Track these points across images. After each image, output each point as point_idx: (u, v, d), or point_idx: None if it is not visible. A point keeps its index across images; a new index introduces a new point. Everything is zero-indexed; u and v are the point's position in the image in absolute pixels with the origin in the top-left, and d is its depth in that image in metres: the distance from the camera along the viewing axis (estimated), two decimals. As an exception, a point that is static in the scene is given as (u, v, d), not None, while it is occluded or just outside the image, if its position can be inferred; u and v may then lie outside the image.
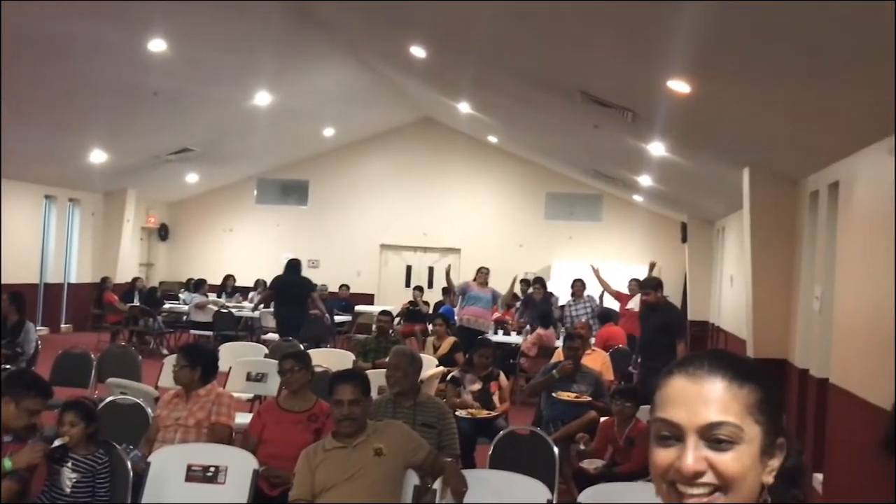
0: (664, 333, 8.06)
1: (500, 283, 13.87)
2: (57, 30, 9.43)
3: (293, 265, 12.81)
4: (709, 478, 1.21)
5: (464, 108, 14.66)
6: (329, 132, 17.90)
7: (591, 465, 5.51)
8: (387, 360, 5.28)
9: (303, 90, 14.52)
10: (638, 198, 17.30)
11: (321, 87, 14.76)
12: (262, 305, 13.50)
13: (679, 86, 6.65)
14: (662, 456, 1.26)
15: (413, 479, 3.92)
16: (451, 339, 9.23)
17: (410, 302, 16.51)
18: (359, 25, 11.53)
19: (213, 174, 18.84)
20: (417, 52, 10.47)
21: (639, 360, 8.93)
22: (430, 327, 12.11)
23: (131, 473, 3.91)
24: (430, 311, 16.07)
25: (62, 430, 3.85)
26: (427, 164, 19.42)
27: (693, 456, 1.21)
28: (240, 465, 3.96)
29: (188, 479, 3.92)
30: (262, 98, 13.70)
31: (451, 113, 16.40)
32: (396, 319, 16.57)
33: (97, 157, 14.65)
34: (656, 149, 10.03)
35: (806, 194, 8.34)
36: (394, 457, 3.88)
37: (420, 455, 3.97)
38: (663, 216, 18.07)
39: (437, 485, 3.84)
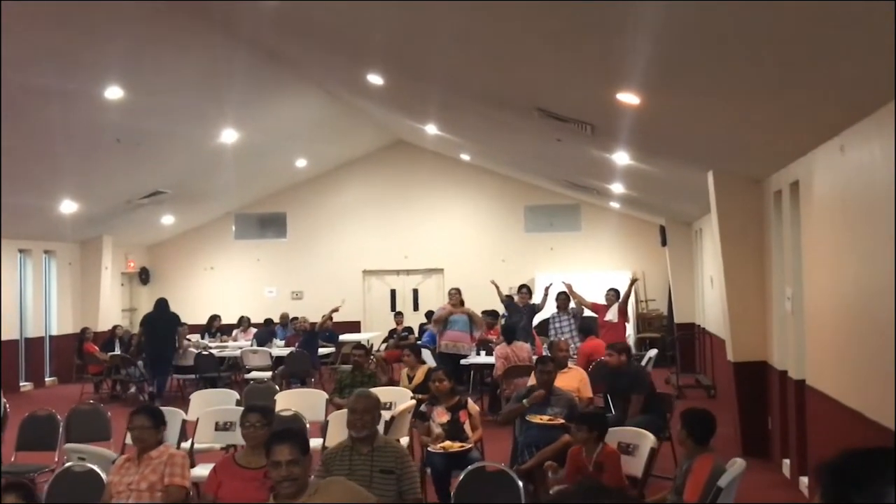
0: (630, 393, 7.90)
1: (486, 300, 13.77)
2: (13, 81, 9.33)
3: (160, 303, 14.11)
4: None
5: (431, 129, 14.60)
6: (302, 163, 17.82)
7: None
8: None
9: (270, 124, 14.44)
10: (615, 204, 17.25)
11: (289, 119, 14.69)
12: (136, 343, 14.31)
13: (629, 98, 6.58)
14: None
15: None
16: (424, 368, 9.10)
17: (392, 330, 16.44)
18: (317, 57, 11.46)
19: (189, 214, 18.72)
20: (374, 79, 10.40)
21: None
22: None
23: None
24: (417, 335, 15.99)
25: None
26: (403, 186, 19.35)
27: None
28: (182, 535, 3.84)
29: (130, 552, 3.79)
30: (230, 135, 13.62)
31: (421, 134, 16.35)
32: (383, 345, 16.52)
33: (68, 207, 14.53)
34: (621, 158, 9.96)
35: (770, 194, 8.27)
36: None
37: None
38: (642, 221, 18.01)
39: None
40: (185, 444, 6.87)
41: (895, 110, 4.68)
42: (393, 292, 19.65)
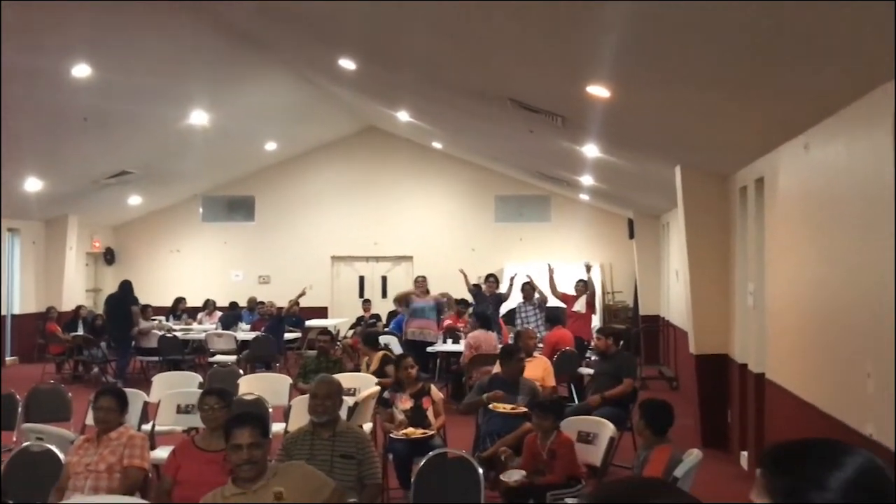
0: (615, 378, 8.04)
1: (455, 289, 13.78)
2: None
3: (124, 285, 14.36)
4: None
5: (403, 116, 14.56)
6: (271, 146, 17.70)
7: (509, 477, 5.44)
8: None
9: (240, 106, 14.33)
10: (584, 196, 17.34)
11: (259, 102, 14.58)
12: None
13: (598, 91, 6.61)
14: None
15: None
16: (379, 354, 9.12)
17: (360, 317, 16.43)
18: (288, 40, 11.38)
19: (156, 195, 18.54)
20: (346, 64, 10.36)
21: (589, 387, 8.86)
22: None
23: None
24: (385, 323, 15.99)
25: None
26: (374, 172, 19.29)
27: None
28: (138, 517, 3.83)
29: (86, 533, 3.78)
30: (199, 117, 13.49)
31: (393, 121, 16.31)
32: (350, 332, 16.50)
33: (33, 185, 14.34)
34: (591, 150, 10.01)
35: (736, 190, 8.37)
36: (297, 499, 3.76)
37: (324, 494, 3.86)
38: (610, 213, 18.13)
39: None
40: (147, 427, 6.83)
41: (860, 110, 4.76)
42: (361, 279, 19.63)
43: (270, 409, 6.83)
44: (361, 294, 18.99)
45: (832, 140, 5.39)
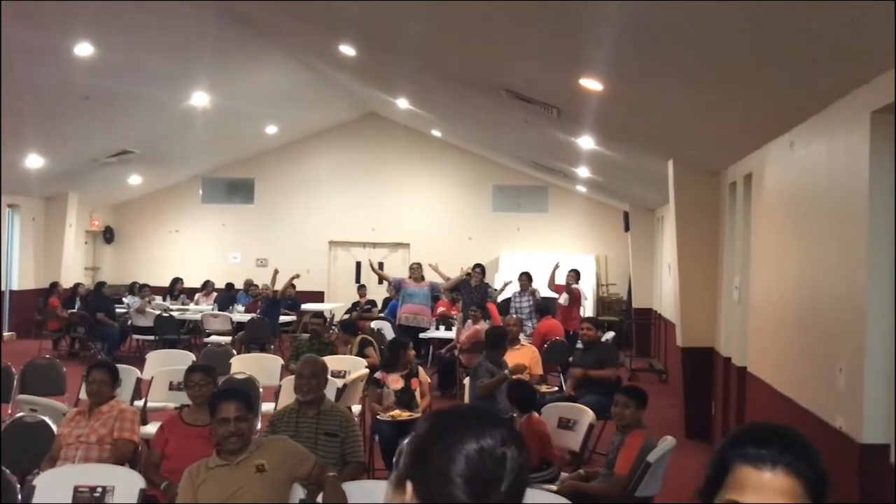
0: (597, 368, 8.23)
1: (451, 277, 13.85)
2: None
3: (96, 286, 15.27)
4: None
5: (403, 103, 14.65)
6: (272, 130, 17.79)
7: None
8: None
9: (241, 89, 14.41)
10: (581, 188, 17.44)
11: (260, 85, 14.66)
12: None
13: (591, 84, 6.72)
14: None
15: (298, 493, 3.93)
16: (357, 339, 9.26)
17: (355, 302, 16.55)
18: (290, 25, 11.47)
19: (157, 175, 18.64)
20: (347, 50, 10.45)
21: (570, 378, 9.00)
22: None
23: (19, 497, 3.88)
24: (380, 308, 16.10)
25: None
26: (373, 159, 19.39)
27: None
28: (127, 485, 3.95)
29: (75, 500, 3.89)
30: (200, 98, 13.59)
31: (392, 108, 16.40)
32: (345, 316, 16.62)
33: (34, 161, 14.43)
34: (586, 142, 10.12)
35: (726, 185, 8.48)
36: (277, 472, 3.89)
37: (305, 468, 3.99)
38: (607, 205, 18.23)
39: (321, 497, 3.85)
40: (139, 402, 6.97)
41: (843, 110, 4.87)
42: (358, 264, 19.73)
43: (261, 389, 6.96)
44: (358, 279, 19.11)
45: (815, 139, 5.50)
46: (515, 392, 6.05)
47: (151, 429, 6.00)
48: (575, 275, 12.88)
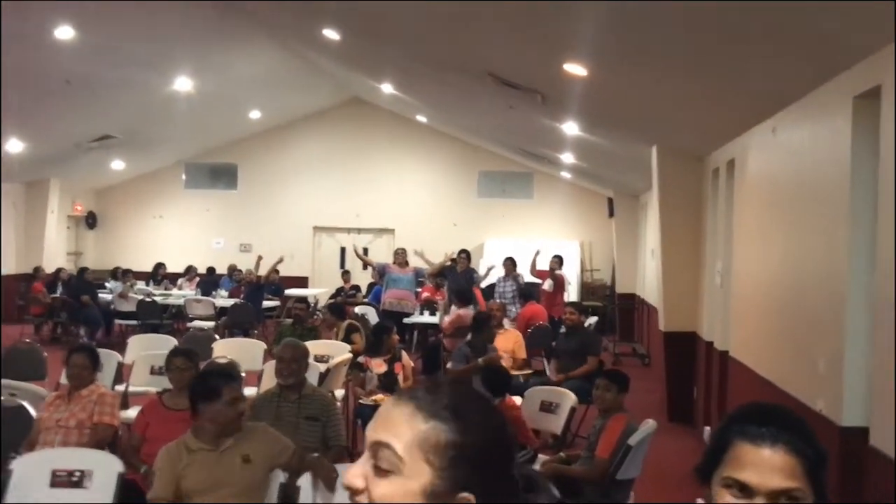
0: (580, 357, 8.32)
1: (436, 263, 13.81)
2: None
3: (80, 271, 15.25)
4: None
5: (387, 88, 14.59)
6: (255, 115, 17.67)
7: None
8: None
9: (224, 74, 14.30)
10: (566, 174, 17.45)
11: (244, 70, 14.54)
12: None
13: (575, 69, 6.70)
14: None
15: (279, 476, 3.92)
16: (344, 323, 9.24)
17: (339, 288, 16.51)
18: (273, 9, 11.38)
19: (140, 160, 18.50)
20: (331, 34, 10.38)
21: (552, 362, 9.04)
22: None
23: (-3, 480, 3.86)
24: (364, 294, 16.07)
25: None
26: (358, 144, 19.31)
27: None
28: (105, 469, 3.92)
29: (53, 484, 3.87)
30: (183, 83, 13.47)
31: (377, 93, 16.32)
32: (331, 301, 16.58)
33: (14, 146, 14.27)
34: (570, 128, 10.11)
35: (709, 171, 8.50)
36: (261, 462, 3.89)
37: (286, 456, 3.99)
38: (591, 191, 18.25)
39: (301, 481, 3.84)
40: (120, 387, 6.93)
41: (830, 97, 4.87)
42: (343, 250, 19.67)
43: (244, 374, 6.93)
44: (342, 265, 19.06)
45: (797, 124, 5.51)
46: (488, 375, 6.06)
47: (132, 413, 5.96)
48: (558, 261, 12.90)
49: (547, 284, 12.61)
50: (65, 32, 10.19)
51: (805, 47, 4.54)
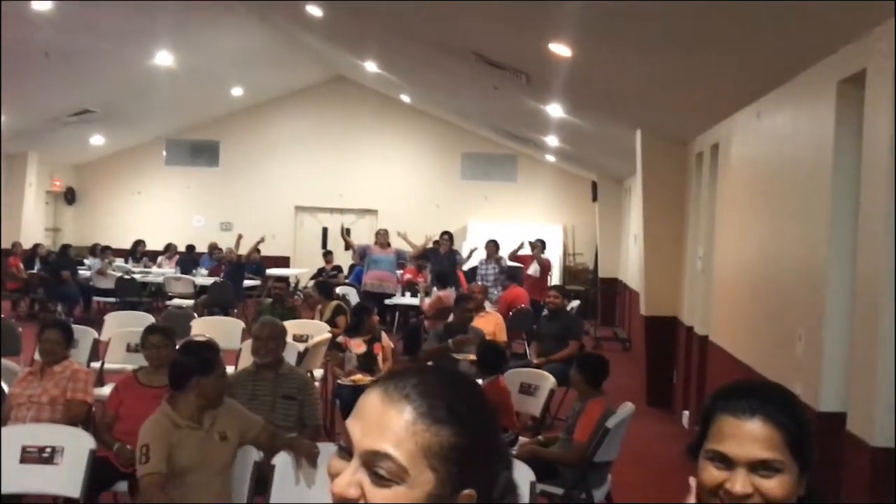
0: (561, 340, 8.36)
1: (418, 244, 13.75)
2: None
3: (62, 249, 15.09)
4: (756, 500, 1.45)
5: (371, 67, 14.48)
6: (238, 91, 17.52)
7: None
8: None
9: (206, 49, 14.15)
10: (550, 158, 17.43)
11: (225, 45, 14.40)
12: None
13: (560, 49, 6.66)
14: (714, 475, 1.49)
15: (253, 455, 3.90)
16: (332, 304, 9.19)
17: (321, 268, 16.45)
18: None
19: (120, 136, 18.33)
20: (314, 10, 10.28)
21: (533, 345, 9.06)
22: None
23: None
24: (346, 275, 16.02)
25: None
26: (341, 123, 19.19)
27: (742, 482, 1.46)
28: (77, 446, 3.88)
29: (23, 460, 3.82)
30: (164, 58, 13.31)
31: (361, 71, 16.21)
32: (311, 282, 16.54)
33: (-9, 119, 14.10)
34: (554, 110, 10.07)
35: (693, 156, 8.49)
36: (234, 439, 3.88)
37: (255, 431, 3.97)
38: (575, 175, 18.25)
39: (277, 461, 3.81)
40: (96, 364, 6.87)
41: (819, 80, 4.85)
42: (325, 230, 19.61)
43: (221, 353, 6.88)
44: (324, 245, 18.99)
45: (781, 109, 5.49)
46: (483, 352, 6.06)
47: (108, 390, 5.91)
48: (541, 245, 12.87)
49: (532, 269, 12.58)
50: (43, 4, 10.04)
51: (790, 30, 4.51)
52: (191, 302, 12.87)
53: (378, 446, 1.08)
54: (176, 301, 13.09)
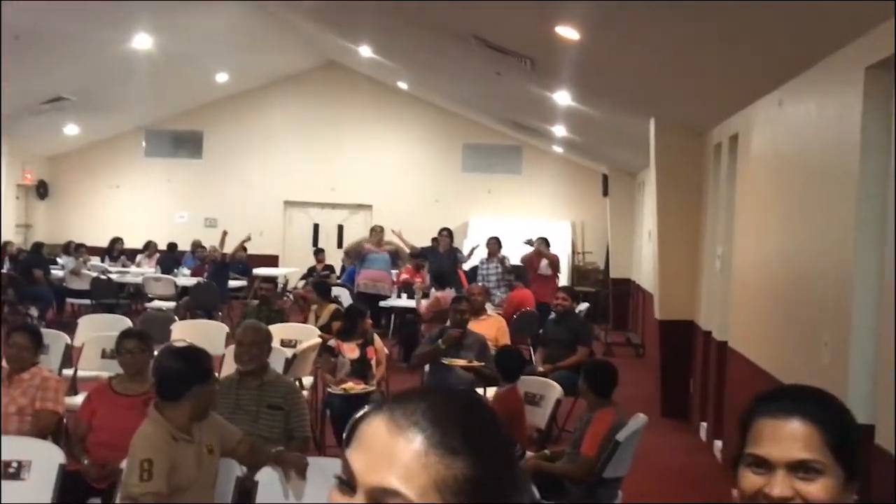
0: (569, 346, 8.35)
1: (415, 243, 13.76)
2: None
3: (33, 246, 15.26)
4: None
5: (366, 51, 14.47)
6: (222, 78, 17.50)
7: None
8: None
9: (187, 32, 14.12)
10: (558, 149, 17.41)
11: (209, 28, 14.37)
12: None
13: (568, 32, 6.64)
14: (753, 481, 1.50)
15: (236, 470, 3.89)
16: (330, 307, 9.18)
17: (311, 268, 16.44)
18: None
19: (96, 125, 18.32)
20: (304, -9, 10.26)
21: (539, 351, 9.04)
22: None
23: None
24: (338, 275, 16.02)
25: None
26: (333, 112, 19.17)
27: (781, 485, 1.47)
28: (46, 460, 3.87)
29: (-13, 475, 3.83)
30: (142, 41, 13.29)
31: (355, 57, 16.19)
32: (301, 282, 16.54)
33: (-44, 107, 14.10)
34: (562, 98, 10.06)
35: (711, 147, 8.47)
36: (218, 452, 3.88)
37: (233, 442, 3.97)
38: (585, 168, 18.22)
39: (260, 476, 3.80)
40: (68, 371, 6.86)
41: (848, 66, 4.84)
42: (316, 227, 19.60)
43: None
44: (315, 243, 18.97)
45: (805, 97, 5.48)
46: (503, 359, 6.09)
47: (81, 400, 5.91)
48: (545, 243, 12.78)
49: (543, 267, 12.43)
50: (12, -17, 10.03)
51: (815, 11, 4.49)
52: (172, 304, 12.87)
53: (385, 482, 1.04)
54: (156, 303, 13.09)
